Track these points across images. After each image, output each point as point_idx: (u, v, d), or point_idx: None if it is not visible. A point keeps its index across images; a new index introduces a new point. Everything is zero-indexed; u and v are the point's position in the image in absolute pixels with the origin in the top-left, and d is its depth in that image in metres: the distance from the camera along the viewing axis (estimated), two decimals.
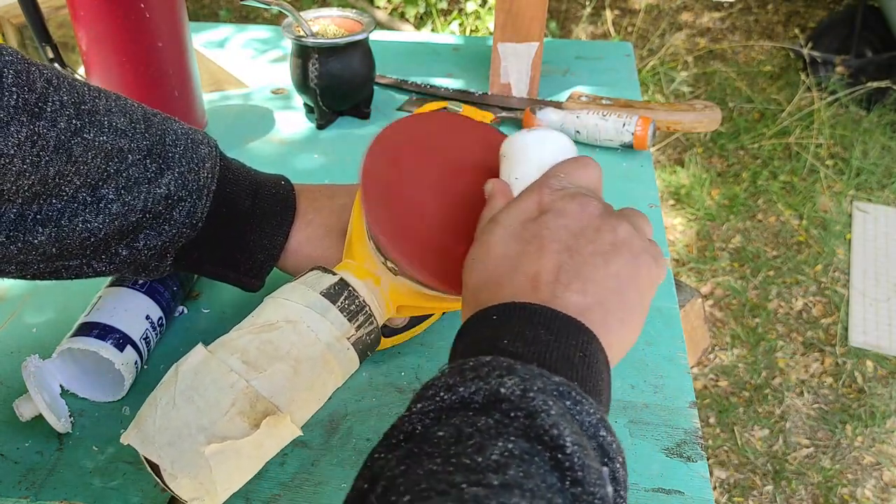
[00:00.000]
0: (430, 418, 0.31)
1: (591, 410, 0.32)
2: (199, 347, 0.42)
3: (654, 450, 0.49)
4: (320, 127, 0.88)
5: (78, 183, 0.45)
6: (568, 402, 0.31)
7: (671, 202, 2.25)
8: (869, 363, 1.74)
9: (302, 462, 0.48)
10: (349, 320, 0.44)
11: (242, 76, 0.98)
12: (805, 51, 2.72)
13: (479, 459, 0.28)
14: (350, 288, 0.45)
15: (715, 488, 1.50)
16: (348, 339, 0.44)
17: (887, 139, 2.44)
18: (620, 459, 0.32)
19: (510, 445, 0.28)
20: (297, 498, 0.46)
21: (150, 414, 0.40)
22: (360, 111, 0.90)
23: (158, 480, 0.39)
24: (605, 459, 0.31)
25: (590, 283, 0.38)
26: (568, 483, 0.28)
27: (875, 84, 2.48)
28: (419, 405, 0.32)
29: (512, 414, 0.30)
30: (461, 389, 0.31)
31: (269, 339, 0.42)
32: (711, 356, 1.77)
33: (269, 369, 0.41)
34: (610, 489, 0.30)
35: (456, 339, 0.38)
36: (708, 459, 1.22)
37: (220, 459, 0.39)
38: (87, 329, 0.51)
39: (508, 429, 0.29)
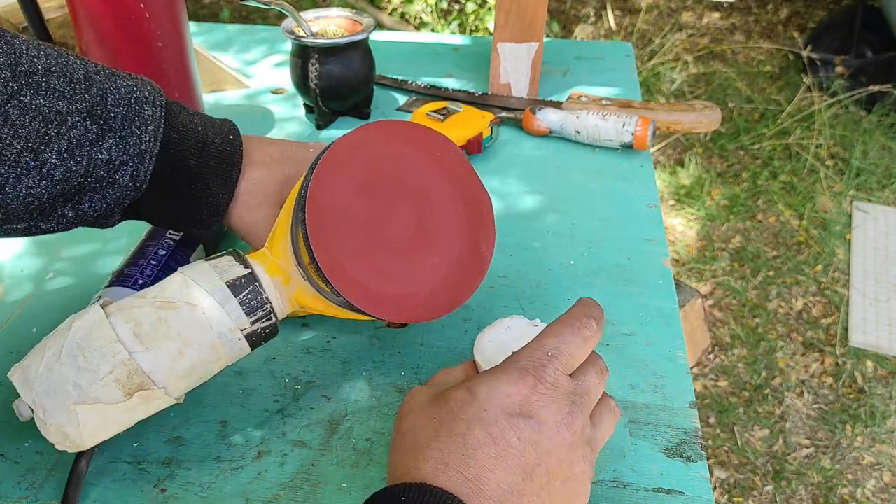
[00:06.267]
0: None
1: None
2: (97, 307, 0.44)
3: (654, 450, 0.49)
4: (320, 127, 0.88)
5: (19, 147, 0.44)
6: None
7: (671, 202, 2.25)
8: (869, 363, 1.74)
9: (302, 462, 0.48)
10: (247, 314, 0.45)
11: (242, 76, 0.98)
12: (804, 52, 2.72)
13: None
14: (256, 283, 0.46)
15: (715, 488, 1.50)
16: (242, 330, 0.45)
17: (887, 139, 2.44)
18: None
19: None
20: (296, 498, 0.46)
21: (35, 360, 0.42)
22: (360, 111, 0.90)
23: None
24: None
25: None
26: None
27: (876, 88, 2.48)
28: None
29: None
30: None
31: (165, 318, 0.43)
32: (711, 356, 1.77)
33: (155, 347, 0.43)
34: None
35: None
36: (708, 459, 1.22)
37: (88, 417, 0.42)
38: None
39: None
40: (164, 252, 0.58)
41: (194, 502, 0.46)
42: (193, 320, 0.43)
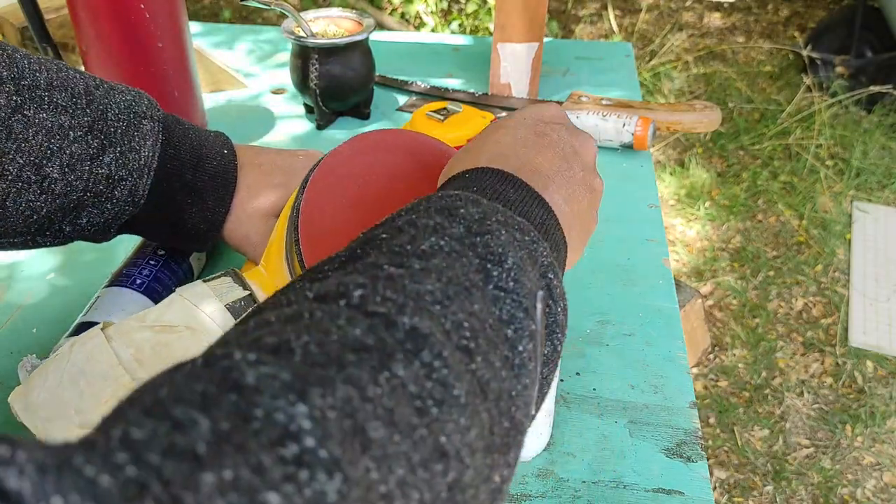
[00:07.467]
0: (379, 226, 0.31)
1: (546, 253, 0.32)
2: (97, 331, 0.44)
3: (654, 450, 0.49)
4: (320, 127, 0.88)
5: (21, 162, 0.45)
6: (526, 238, 0.32)
7: (671, 202, 2.25)
8: (869, 363, 1.74)
9: None
10: None
11: (242, 76, 0.98)
12: (805, 52, 2.72)
13: (409, 248, 0.28)
14: (256, 304, 0.46)
15: (715, 488, 1.50)
16: None
17: (887, 139, 2.44)
18: (563, 304, 0.32)
19: (442, 242, 0.29)
20: None
21: (38, 384, 0.42)
22: (360, 111, 0.90)
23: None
24: (550, 301, 0.31)
25: (572, 200, 0.38)
26: (491, 286, 0.29)
27: (876, 88, 2.48)
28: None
29: (460, 227, 0.30)
30: (420, 204, 0.32)
31: (166, 342, 0.43)
32: (711, 356, 1.77)
33: (156, 371, 0.42)
34: (540, 308, 0.30)
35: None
36: (708, 459, 1.22)
37: None
38: (86, 329, 0.51)
39: (448, 231, 0.30)
40: (163, 252, 0.58)
41: None
42: (195, 343, 0.44)
